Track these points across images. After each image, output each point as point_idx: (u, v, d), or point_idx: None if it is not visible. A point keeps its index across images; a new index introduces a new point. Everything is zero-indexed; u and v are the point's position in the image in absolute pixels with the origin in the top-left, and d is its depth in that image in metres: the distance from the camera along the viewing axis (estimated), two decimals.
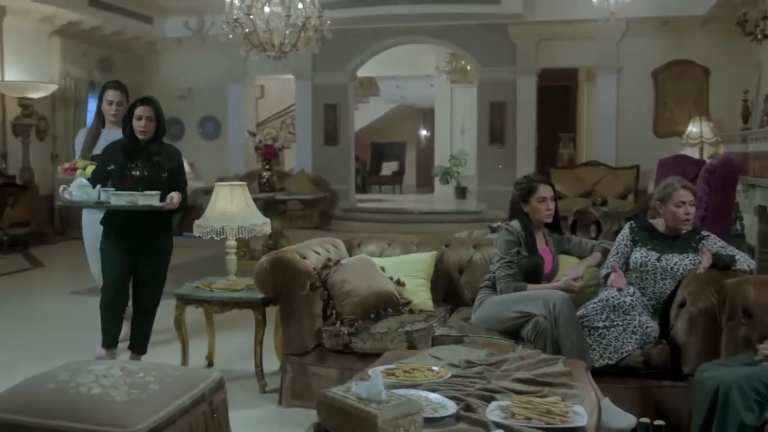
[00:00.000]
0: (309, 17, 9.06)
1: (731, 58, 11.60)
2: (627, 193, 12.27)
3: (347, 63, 14.32)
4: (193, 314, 4.93)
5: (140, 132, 4.58)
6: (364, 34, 13.78)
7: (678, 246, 4.09)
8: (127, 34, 14.11)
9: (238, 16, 8.94)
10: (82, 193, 4.63)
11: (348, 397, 2.32)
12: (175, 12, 14.27)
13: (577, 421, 2.48)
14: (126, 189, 4.53)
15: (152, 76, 14.96)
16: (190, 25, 13.70)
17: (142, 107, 4.60)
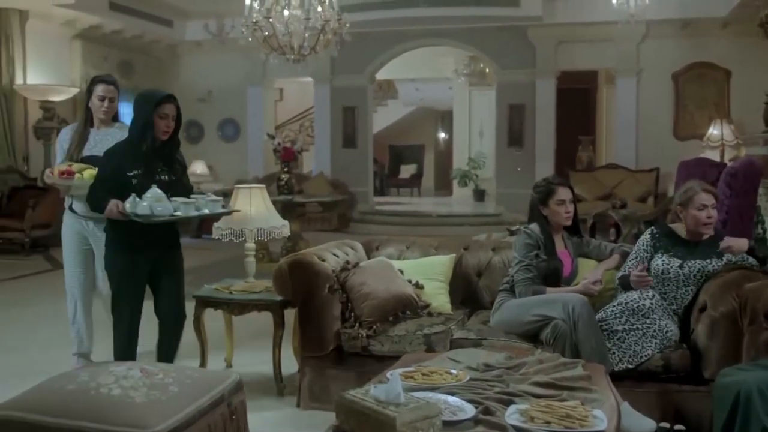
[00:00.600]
0: (328, 20, 9.07)
1: (753, 59, 11.51)
2: (647, 196, 12.20)
3: (366, 65, 14.34)
4: (212, 316, 4.95)
5: (164, 132, 4.17)
6: (383, 36, 13.79)
7: (700, 252, 4.04)
8: (148, 37, 14.21)
9: (258, 20, 8.96)
10: (161, 206, 4.01)
11: (367, 400, 2.32)
12: (195, 15, 14.36)
13: (597, 425, 2.47)
14: None
15: (172, 79, 15.05)
16: (210, 28, 13.76)
17: (169, 105, 4.16)
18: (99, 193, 4.16)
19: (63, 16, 12.19)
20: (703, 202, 4.01)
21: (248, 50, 11.65)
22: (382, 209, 15.22)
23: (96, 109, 4.81)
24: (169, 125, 4.17)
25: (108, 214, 4.05)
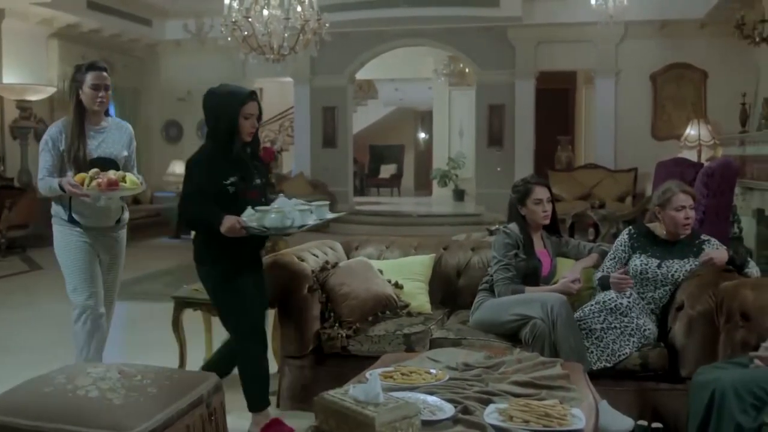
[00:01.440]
0: (308, 20, 9.06)
1: (729, 61, 11.62)
2: (625, 196, 12.28)
3: (346, 66, 14.33)
4: (190, 317, 4.93)
5: (249, 133, 3.84)
6: (363, 36, 13.79)
7: (678, 251, 4.07)
8: (126, 36, 14.13)
9: (237, 19, 8.94)
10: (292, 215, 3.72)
11: (346, 400, 2.32)
12: (174, 15, 14.30)
13: (575, 424, 2.48)
14: (254, 202, 3.78)
15: (152, 79, 14.98)
16: (189, 27, 13.72)
17: (252, 104, 3.82)
18: (201, 209, 3.73)
19: (40, 14, 12.08)
20: (681, 203, 4.04)
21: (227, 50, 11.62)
22: (362, 209, 15.22)
23: (90, 101, 4.20)
24: (254, 125, 3.85)
25: (228, 231, 3.62)
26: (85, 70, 4.22)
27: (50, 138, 4.20)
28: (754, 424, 2.87)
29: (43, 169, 4.18)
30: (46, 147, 4.19)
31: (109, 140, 4.29)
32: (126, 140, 4.39)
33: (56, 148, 4.19)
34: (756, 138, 7.65)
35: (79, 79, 4.20)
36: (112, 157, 4.27)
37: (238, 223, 3.62)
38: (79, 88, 4.21)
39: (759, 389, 2.89)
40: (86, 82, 4.17)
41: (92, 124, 4.26)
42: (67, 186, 3.98)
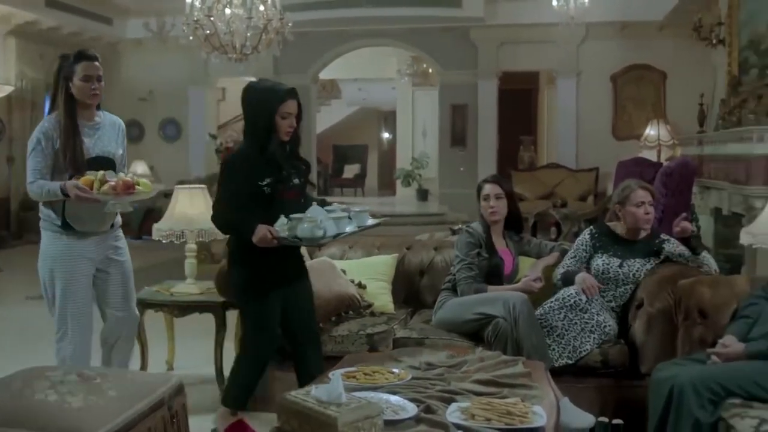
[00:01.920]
0: (270, 19, 9.02)
1: (688, 62, 11.78)
2: (587, 196, 12.40)
3: (309, 65, 14.29)
4: (152, 318, 4.88)
5: (287, 132, 3.67)
6: (326, 36, 13.76)
7: (639, 251, 4.13)
8: (86, 35, 13.91)
9: (199, 18, 8.87)
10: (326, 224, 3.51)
11: (308, 401, 2.31)
12: (135, 13, 14.11)
13: (536, 421, 2.50)
14: (291, 203, 3.63)
15: (112, 78, 14.71)
16: (151, 26, 13.55)
17: (291, 102, 3.63)
18: (234, 215, 3.58)
19: None
20: (641, 199, 4.10)
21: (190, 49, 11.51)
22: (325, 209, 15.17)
23: (82, 94, 3.81)
24: (292, 124, 3.67)
25: (260, 241, 3.45)
26: (73, 60, 3.84)
27: (42, 136, 3.77)
28: (711, 419, 2.91)
29: (35, 171, 3.75)
30: (38, 146, 3.76)
31: (104, 137, 3.94)
32: (120, 137, 4.06)
33: (50, 147, 3.76)
34: (713, 138, 7.77)
35: (68, 70, 3.82)
36: (109, 155, 3.92)
37: (270, 233, 3.44)
38: (68, 81, 3.82)
39: (716, 385, 2.94)
40: (76, 73, 3.80)
41: (85, 119, 3.87)
42: (74, 191, 3.58)
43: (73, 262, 3.83)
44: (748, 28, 7.70)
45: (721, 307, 3.52)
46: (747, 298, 3.42)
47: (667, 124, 12.17)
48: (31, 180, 3.76)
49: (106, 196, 3.63)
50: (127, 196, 3.69)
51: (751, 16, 7.59)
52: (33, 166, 3.76)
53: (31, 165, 3.76)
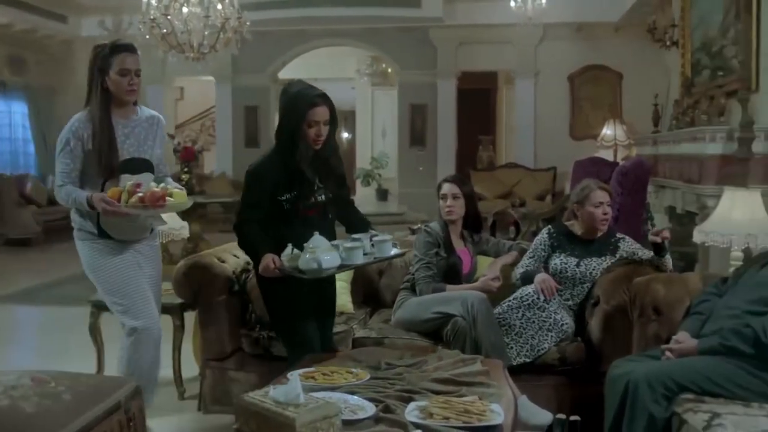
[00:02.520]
0: (228, 18, 8.96)
1: (643, 63, 11.96)
2: (545, 195, 12.52)
3: (268, 65, 14.22)
4: (109, 321, 4.81)
5: (316, 141, 3.46)
6: (285, 35, 13.70)
7: (595, 250, 4.19)
8: (40, 32, 13.68)
9: (155, 17, 8.77)
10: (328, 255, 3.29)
11: (266, 402, 2.30)
12: (90, 11, 13.90)
13: (494, 419, 2.52)
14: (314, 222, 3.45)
15: (68, 77, 14.53)
16: (107, 24, 13.37)
17: (320, 109, 3.42)
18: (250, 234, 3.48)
19: None
20: (599, 200, 4.16)
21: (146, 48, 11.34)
22: None
23: (119, 89, 3.53)
24: (319, 133, 3.44)
25: (263, 271, 3.37)
26: (110, 51, 3.53)
27: (72, 136, 3.49)
28: (665, 413, 2.96)
29: (63, 175, 3.49)
30: (67, 147, 3.49)
31: (141, 136, 3.63)
32: (158, 134, 3.75)
33: (79, 148, 3.48)
34: (667, 138, 7.89)
35: (103, 62, 3.52)
36: (145, 156, 3.63)
37: (273, 263, 3.31)
38: (104, 74, 3.52)
39: (670, 380, 2.99)
40: (112, 66, 3.50)
41: (120, 116, 3.59)
42: (101, 204, 3.33)
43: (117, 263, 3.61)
44: (700, 31, 7.84)
45: (675, 304, 3.58)
46: (700, 294, 3.48)
47: (623, 124, 12.34)
48: (59, 183, 3.52)
49: (135, 210, 3.35)
50: (157, 209, 3.40)
51: (703, 19, 7.73)
52: (61, 169, 3.50)
53: (60, 167, 3.50)
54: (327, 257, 3.23)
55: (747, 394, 2.96)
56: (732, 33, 6.66)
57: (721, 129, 5.96)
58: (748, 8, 6.06)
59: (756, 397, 2.95)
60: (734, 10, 6.56)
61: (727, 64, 6.77)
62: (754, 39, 5.97)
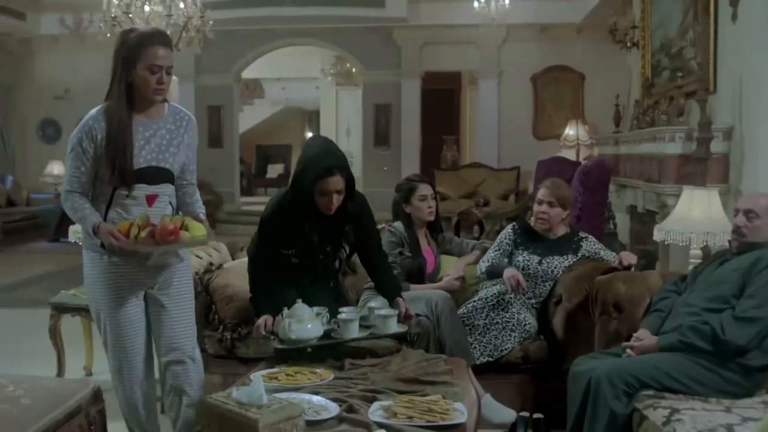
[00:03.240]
0: (190, 17, 8.89)
1: (604, 64, 12.08)
2: (508, 194, 12.59)
3: (232, 64, 14.11)
4: (69, 323, 4.75)
5: (328, 209, 3.32)
6: (249, 35, 13.62)
7: (557, 248, 4.23)
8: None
9: (117, 15, 8.68)
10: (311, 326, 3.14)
11: (229, 403, 2.29)
12: (50, 8, 13.69)
13: (457, 418, 2.53)
14: (310, 276, 3.35)
15: (26, 76, 14.32)
16: (67, 22, 13.19)
17: (333, 179, 3.25)
18: (256, 286, 3.40)
19: None
20: (540, 197, 4.22)
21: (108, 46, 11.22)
22: (248, 209, 15.01)
23: (146, 86, 3.02)
24: (330, 202, 3.28)
25: (254, 333, 3.34)
26: (139, 41, 3.02)
27: (85, 136, 3.01)
28: (626, 410, 3.01)
29: (72, 180, 3.05)
30: (78, 148, 3.02)
31: (162, 140, 3.12)
32: (187, 140, 3.22)
33: (92, 149, 3.01)
34: (628, 138, 7.99)
35: (130, 54, 3.00)
36: (165, 165, 3.12)
37: (264, 327, 3.22)
38: (130, 66, 3.00)
39: (630, 377, 3.03)
40: (141, 59, 2.98)
41: (142, 116, 3.09)
42: (109, 239, 2.94)
43: (117, 284, 3.13)
44: (659, 32, 7.95)
45: (636, 301, 3.63)
46: (659, 292, 3.53)
47: (585, 124, 12.46)
48: (66, 188, 3.08)
49: (144, 247, 2.98)
50: (169, 245, 3.01)
51: (663, 21, 7.84)
52: (70, 173, 3.06)
53: (69, 171, 3.07)
54: (305, 329, 3.11)
55: (705, 389, 3.01)
56: (690, 35, 6.77)
57: (680, 129, 6.05)
58: (706, 10, 6.15)
59: (714, 392, 3.01)
60: (692, 12, 6.66)
61: (686, 65, 6.88)
62: (711, 41, 6.07)
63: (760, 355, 3.05)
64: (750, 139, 5.32)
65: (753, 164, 5.24)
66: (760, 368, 3.07)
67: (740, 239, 3.29)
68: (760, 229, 3.24)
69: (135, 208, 3.06)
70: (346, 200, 3.36)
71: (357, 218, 3.49)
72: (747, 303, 3.06)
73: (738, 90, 5.50)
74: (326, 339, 3.18)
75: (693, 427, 2.67)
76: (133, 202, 3.06)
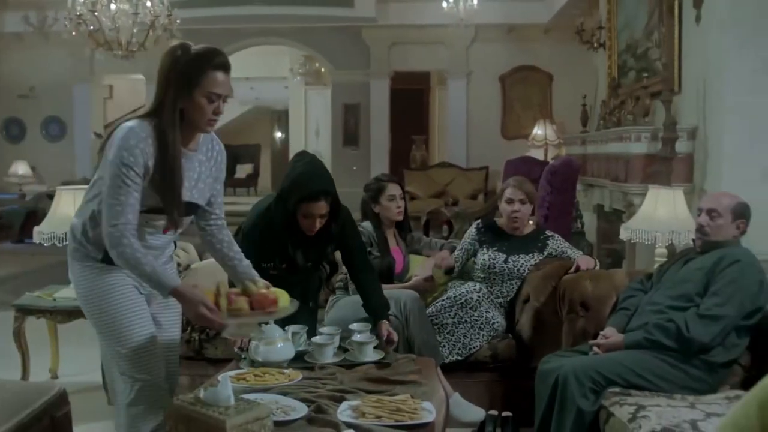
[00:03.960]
0: (157, 16, 8.81)
1: (572, 64, 12.17)
2: (477, 194, 12.65)
3: None
4: (34, 325, 4.69)
5: (310, 230, 3.38)
6: (217, 34, 13.49)
7: (523, 246, 4.26)
8: None
9: (82, 13, 8.58)
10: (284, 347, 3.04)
11: (196, 404, 2.27)
12: (13, 5, 13.48)
13: (425, 417, 2.54)
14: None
15: None
16: (31, 20, 13.00)
17: (317, 204, 3.28)
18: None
19: None
20: (509, 196, 4.24)
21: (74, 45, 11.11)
22: None
23: (202, 116, 2.59)
24: (313, 226, 3.32)
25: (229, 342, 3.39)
26: (198, 62, 2.59)
27: (135, 158, 2.49)
28: (593, 407, 3.04)
29: (126, 213, 2.50)
30: (130, 173, 2.49)
31: (194, 174, 2.72)
32: (215, 172, 2.83)
33: (140, 176, 2.52)
34: (595, 137, 8.06)
35: (186, 78, 2.57)
36: (194, 200, 2.73)
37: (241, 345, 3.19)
38: (188, 89, 2.58)
39: (597, 374, 3.06)
40: (199, 85, 2.57)
41: (184, 144, 2.65)
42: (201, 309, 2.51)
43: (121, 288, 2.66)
44: (625, 33, 8.03)
45: (602, 300, 3.67)
46: (625, 291, 3.57)
47: (553, 124, 12.55)
48: (114, 222, 2.49)
49: (243, 319, 2.65)
50: (269, 316, 2.73)
51: (628, 22, 7.92)
52: (123, 201, 2.49)
53: (120, 199, 2.49)
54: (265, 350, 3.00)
55: (670, 386, 3.06)
56: (656, 36, 6.84)
57: (646, 129, 6.12)
58: (670, 12, 6.22)
59: (678, 389, 3.05)
60: (657, 13, 6.73)
61: (652, 66, 6.95)
62: (676, 42, 6.13)
63: (723, 351, 3.10)
64: (713, 138, 5.39)
65: (716, 163, 5.31)
66: (723, 365, 3.12)
67: (703, 238, 3.34)
68: (722, 228, 3.29)
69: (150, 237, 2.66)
70: (330, 222, 3.39)
71: (340, 239, 3.52)
72: (711, 301, 3.11)
73: (702, 90, 5.57)
74: (298, 362, 3.09)
75: (658, 423, 2.70)
76: (152, 230, 2.66)
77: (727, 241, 3.29)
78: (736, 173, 5.03)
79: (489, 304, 4.05)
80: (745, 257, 3.20)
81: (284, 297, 2.76)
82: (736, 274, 3.12)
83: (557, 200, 6.60)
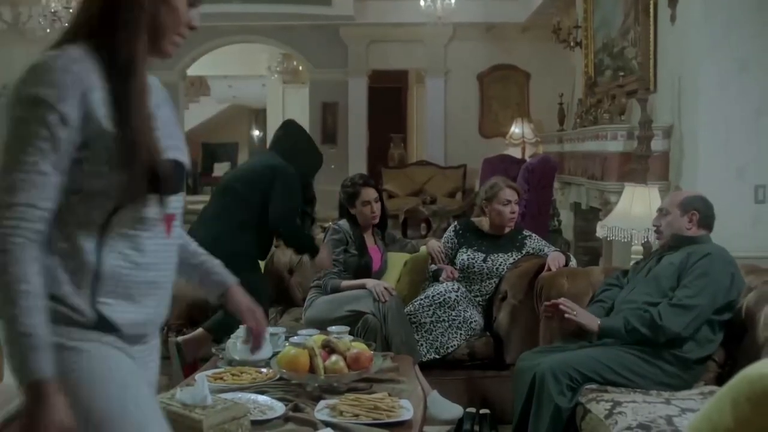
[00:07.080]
0: None
1: (549, 63, 12.21)
2: (455, 192, 12.67)
3: (177, 61, 13.89)
4: None
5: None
6: (195, 31, 13.40)
7: (502, 245, 4.28)
8: None
9: (57, 9, 8.50)
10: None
11: (173, 404, 2.26)
12: None
13: (403, 415, 2.54)
14: None
15: None
16: (4, 16, 12.85)
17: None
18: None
19: None
20: (507, 198, 4.25)
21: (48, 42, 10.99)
22: (194, 208, 14.75)
23: (171, 27, 1.83)
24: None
25: None
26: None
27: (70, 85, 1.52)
28: (570, 404, 3.05)
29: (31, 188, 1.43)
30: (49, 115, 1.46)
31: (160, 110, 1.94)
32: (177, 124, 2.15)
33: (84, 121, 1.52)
34: (572, 136, 8.09)
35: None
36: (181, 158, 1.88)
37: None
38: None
39: (574, 371, 3.07)
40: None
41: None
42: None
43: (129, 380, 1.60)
44: (602, 32, 8.07)
45: (579, 297, 3.69)
46: (602, 285, 3.60)
47: (530, 123, 12.59)
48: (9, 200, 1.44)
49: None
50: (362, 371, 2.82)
51: (605, 21, 7.96)
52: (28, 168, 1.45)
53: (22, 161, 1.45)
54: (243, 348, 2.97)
55: (646, 382, 3.08)
56: (631, 35, 6.88)
57: (622, 128, 6.14)
58: (646, 11, 6.26)
59: (654, 385, 3.08)
60: (633, 13, 6.77)
61: (628, 64, 6.98)
62: (651, 41, 6.17)
63: (697, 348, 3.12)
64: (689, 137, 5.43)
65: (692, 162, 5.35)
66: (697, 361, 3.15)
67: (659, 236, 3.42)
68: (672, 223, 3.37)
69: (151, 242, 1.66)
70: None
71: None
72: (682, 292, 3.14)
73: (677, 89, 5.61)
74: None
75: (634, 419, 2.72)
76: (147, 233, 1.65)
77: (698, 236, 3.33)
78: (711, 171, 5.07)
79: (467, 303, 4.06)
80: (715, 251, 3.24)
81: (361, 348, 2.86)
82: (706, 267, 3.16)
83: (535, 198, 6.63)
